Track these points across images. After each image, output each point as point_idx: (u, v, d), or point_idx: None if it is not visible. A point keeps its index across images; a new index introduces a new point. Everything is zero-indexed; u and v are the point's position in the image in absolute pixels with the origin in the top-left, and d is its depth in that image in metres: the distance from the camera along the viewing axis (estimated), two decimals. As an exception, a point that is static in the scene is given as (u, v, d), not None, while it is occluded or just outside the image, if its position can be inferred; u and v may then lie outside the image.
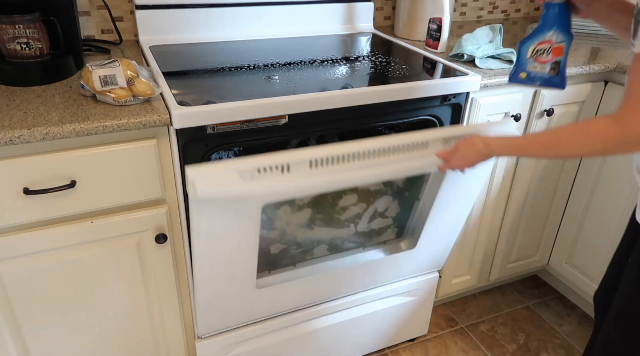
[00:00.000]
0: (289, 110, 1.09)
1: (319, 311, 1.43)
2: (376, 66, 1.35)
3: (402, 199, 1.39)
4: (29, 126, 0.92)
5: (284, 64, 1.30)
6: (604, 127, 0.78)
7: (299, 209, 1.26)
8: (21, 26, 1.10)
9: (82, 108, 1.01)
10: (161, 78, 1.14)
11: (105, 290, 1.15)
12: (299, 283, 1.33)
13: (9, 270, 1.03)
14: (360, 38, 1.62)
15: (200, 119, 1.01)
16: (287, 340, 1.43)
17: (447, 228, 1.41)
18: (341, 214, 1.33)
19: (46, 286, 1.08)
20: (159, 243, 1.13)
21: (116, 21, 1.44)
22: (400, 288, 1.53)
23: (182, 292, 1.26)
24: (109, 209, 1.08)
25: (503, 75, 1.32)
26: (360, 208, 1.34)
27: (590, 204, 1.66)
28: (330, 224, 1.33)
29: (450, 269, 1.66)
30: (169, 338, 1.30)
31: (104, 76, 1.01)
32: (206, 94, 1.10)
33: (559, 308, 1.89)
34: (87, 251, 1.08)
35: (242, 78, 1.20)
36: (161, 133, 1.05)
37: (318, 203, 1.27)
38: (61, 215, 1.02)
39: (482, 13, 2.00)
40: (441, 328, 1.78)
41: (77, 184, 1.00)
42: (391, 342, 1.66)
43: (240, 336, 1.35)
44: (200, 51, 1.40)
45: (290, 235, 1.29)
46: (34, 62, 1.14)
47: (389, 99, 1.18)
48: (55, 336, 1.15)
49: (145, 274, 1.18)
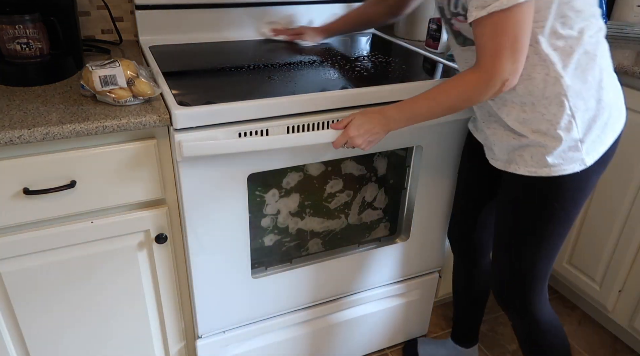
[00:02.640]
0: (289, 110, 1.09)
1: (319, 312, 1.44)
2: (376, 66, 1.35)
3: (389, 188, 1.41)
4: (29, 126, 0.92)
5: (284, 64, 1.30)
6: (475, 78, 0.94)
7: (286, 193, 1.27)
8: (21, 26, 1.10)
9: (82, 108, 1.01)
10: (161, 78, 1.14)
11: (105, 290, 1.15)
12: (296, 280, 1.34)
13: (9, 270, 1.03)
14: (360, 38, 1.62)
15: (200, 119, 1.02)
16: (287, 340, 1.43)
17: (438, 216, 1.44)
18: (330, 203, 1.35)
19: (46, 286, 1.08)
20: (159, 243, 1.13)
21: (116, 21, 1.44)
22: (401, 288, 1.53)
23: (182, 292, 1.26)
24: (109, 209, 1.08)
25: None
26: (347, 195, 1.36)
27: (591, 204, 1.66)
28: (320, 214, 1.35)
29: (451, 270, 1.66)
30: (169, 338, 1.30)
31: (104, 76, 1.01)
32: (206, 94, 1.10)
33: (559, 308, 1.89)
34: (87, 251, 1.09)
35: (242, 78, 1.20)
36: (161, 133, 1.05)
37: (304, 187, 1.29)
38: (61, 215, 1.02)
39: (482, 13, 2.00)
40: (441, 328, 1.78)
41: (77, 184, 1.01)
42: (391, 342, 1.66)
43: (240, 336, 1.35)
44: (200, 51, 1.40)
45: (282, 224, 1.31)
46: (34, 62, 1.14)
47: (389, 99, 1.18)
48: (55, 335, 1.15)
49: (145, 274, 1.18)
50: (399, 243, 1.44)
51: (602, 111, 1.00)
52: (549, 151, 1.00)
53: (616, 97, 1.04)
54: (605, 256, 1.64)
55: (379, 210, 1.44)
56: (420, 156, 1.32)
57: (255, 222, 1.28)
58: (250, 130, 1.07)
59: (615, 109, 1.03)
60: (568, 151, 1.00)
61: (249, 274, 1.26)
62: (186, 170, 1.06)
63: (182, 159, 1.04)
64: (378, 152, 1.34)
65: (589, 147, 1.01)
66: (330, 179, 1.32)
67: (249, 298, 1.29)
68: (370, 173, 1.37)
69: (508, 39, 0.88)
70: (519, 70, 0.91)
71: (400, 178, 1.41)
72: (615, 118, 1.04)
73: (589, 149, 1.01)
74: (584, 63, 0.97)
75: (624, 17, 1.78)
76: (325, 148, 1.18)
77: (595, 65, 0.98)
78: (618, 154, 1.54)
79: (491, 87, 0.92)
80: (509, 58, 0.89)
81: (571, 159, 1.00)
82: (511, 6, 0.85)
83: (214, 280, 1.22)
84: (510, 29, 0.87)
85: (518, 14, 0.87)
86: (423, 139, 1.29)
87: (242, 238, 1.20)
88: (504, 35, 0.88)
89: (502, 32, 0.88)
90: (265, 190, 1.25)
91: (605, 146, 1.03)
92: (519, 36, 0.88)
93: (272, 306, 1.35)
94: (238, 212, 1.16)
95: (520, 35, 0.88)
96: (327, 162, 1.29)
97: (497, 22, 0.88)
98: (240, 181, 1.12)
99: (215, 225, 1.15)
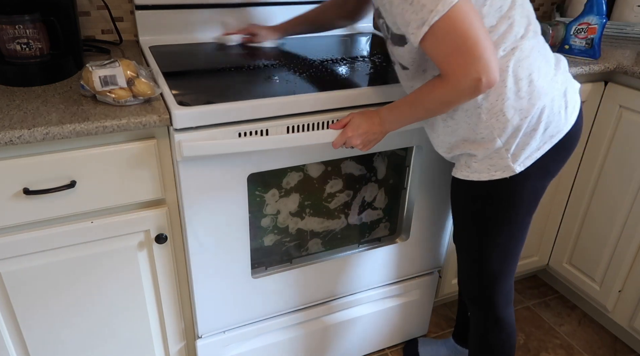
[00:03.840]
0: (289, 110, 1.09)
1: (319, 312, 1.44)
2: (376, 66, 1.35)
3: (389, 188, 1.41)
4: (29, 126, 0.92)
5: (284, 64, 1.30)
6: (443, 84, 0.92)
7: (286, 193, 1.27)
8: (21, 26, 1.10)
9: (82, 108, 1.01)
10: (161, 78, 1.14)
11: (105, 290, 1.15)
12: (296, 280, 1.34)
13: (9, 270, 1.03)
14: (360, 38, 1.62)
15: (200, 119, 1.02)
16: (286, 340, 1.43)
17: (438, 216, 1.44)
18: (330, 203, 1.34)
19: (46, 286, 1.08)
20: (159, 243, 1.13)
21: (116, 21, 1.44)
22: (401, 288, 1.53)
23: (182, 292, 1.26)
24: (109, 209, 1.08)
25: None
26: (347, 195, 1.36)
27: (591, 204, 1.66)
28: (320, 214, 1.35)
29: (450, 270, 1.66)
30: (169, 338, 1.30)
31: (104, 76, 1.01)
32: (206, 94, 1.10)
33: (559, 308, 1.89)
34: (87, 251, 1.09)
35: (242, 78, 1.20)
36: (161, 133, 1.05)
37: (304, 187, 1.29)
38: (61, 215, 1.02)
39: (482, 13, 2.00)
40: (441, 328, 1.78)
41: (77, 184, 1.01)
42: (391, 342, 1.66)
43: (240, 336, 1.35)
44: (200, 51, 1.40)
45: (282, 224, 1.31)
46: (34, 62, 1.14)
47: (389, 99, 1.18)
48: (55, 335, 1.15)
49: (145, 274, 1.18)
50: (399, 243, 1.44)
51: (528, 121, 0.99)
52: (477, 158, 1.04)
53: (551, 104, 1.00)
54: (605, 256, 1.64)
55: (378, 210, 1.44)
56: (420, 156, 1.32)
57: (255, 222, 1.28)
58: (250, 130, 1.07)
59: (552, 115, 1.01)
60: (494, 158, 1.02)
61: (249, 274, 1.26)
62: (186, 170, 1.06)
63: (182, 159, 1.04)
64: (378, 152, 1.34)
65: (517, 155, 1.01)
66: (330, 179, 1.32)
67: (249, 298, 1.29)
68: (370, 173, 1.37)
69: (456, 41, 0.86)
70: (488, 65, 0.87)
71: (400, 178, 1.41)
72: (554, 127, 1.01)
73: (517, 157, 1.01)
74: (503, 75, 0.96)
75: (624, 17, 1.78)
76: (325, 148, 1.18)
77: (520, 71, 0.96)
78: (618, 154, 1.54)
79: (463, 91, 0.91)
80: (467, 58, 0.87)
81: (498, 166, 1.03)
82: (447, 10, 0.84)
83: (214, 280, 1.22)
84: (457, 31, 0.85)
85: (458, 14, 0.85)
86: (423, 139, 1.29)
87: (242, 238, 1.20)
88: (453, 40, 0.86)
89: (450, 38, 0.86)
90: (265, 190, 1.25)
91: (540, 152, 1.02)
92: (468, 34, 0.85)
93: (272, 306, 1.35)
94: (238, 212, 1.16)
95: (469, 33, 0.85)
96: (327, 162, 1.29)
97: (441, 30, 0.86)
98: (240, 181, 1.12)
99: (215, 225, 1.15)
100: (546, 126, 1.00)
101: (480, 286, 1.19)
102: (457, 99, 0.93)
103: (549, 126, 1.01)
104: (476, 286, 1.20)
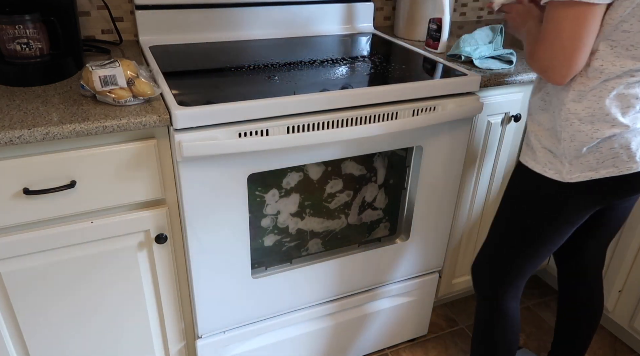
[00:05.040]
0: (289, 110, 1.09)
1: (319, 312, 1.44)
2: (376, 66, 1.35)
3: (389, 188, 1.41)
4: (29, 126, 0.92)
5: (284, 64, 1.30)
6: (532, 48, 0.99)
7: (286, 193, 1.27)
8: (21, 26, 1.10)
9: (82, 108, 1.01)
10: (161, 78, 1.14)
11: (105, 290, 1.15)
12: (296, 280, 1.34)
13: (9, 270, 1.03)
14: (360, 38, 1.62)
15: (200, 119, 1.02)
16: (286, 340, 1.43)
17: (438, 216, 1.44)
18: (330, 203, 1.34)
19: (46, 287, 1.08)
20: (159, 243, 1.13)
21: (116, 21, 1.44)
22: (400, 288, 1.53)
23: (182, 292, 1.26)
24: (109, 209, 1.08)
25: (503, 75, 1.32)
26: (347, 195, 1.36)
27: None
28: (320, 214, 1.35)
29: (450, 270, 1.66)
30: (169, 338, 1.30)
31: (104, 76, 1.01)
32: (206, 94, 1.10)
33: (559, 308, 1.89)
34: (87, 251, 1.09)
35: (242, 78, 1.20)
36: (161, 133, 1.05)
37: (304, 188, 1.29)
38: (61, 215, 1.02)
39: (482, 13, 2.00)
40: (441, 328, 1.78)
41: (77, 184, 1.01)
42: (391, 342, 1.66)
43: (240, 336, 1.35)
44: (200, 51, 1.40)
45: (282, 224, 1.31)
46: (34, 62, 1.14)
47: (388, 99, 1.18)
48: (55, 335, 1.15)
49: (145, 274, 1.18)
50: (399, 243, 1.44)
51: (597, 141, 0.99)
52: (542, 145, 1.06)
53: (628, 136, 0.99)
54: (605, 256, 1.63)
55: (379, 210, 1.44)
56: (420, 156, 1.32)
57: (255, 222, 1.28)
58: (251, 130, 1.07)
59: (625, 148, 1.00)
60: (554, 157, 1.04)
61: (249, 274, 1.26)
62: (186, 170, 1.06)
63: (182, 159, 1.04)
64: (378, 153, 1.34)
65: (573, 166, 1.02)
66: (330, 179, 1.32)
67: (249, 298, 1.29)
68: (370, 173, 1.37)
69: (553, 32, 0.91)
70: (559, 67, 0.92)
71: (400, 178, 1.41)
72: (622, 159, 1.01)
73: (572, 168, 1.02)
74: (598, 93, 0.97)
75: (624, 17, 1.77)
76: (325, 148, 1.18)
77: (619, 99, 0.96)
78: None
79: (533, 66, 0.98)
80: (547, 50, 0.92)
81: (553, 165, 1.04)
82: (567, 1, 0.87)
83: (214, 280, 1.22)
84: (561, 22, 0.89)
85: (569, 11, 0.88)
86: (423, 139, 1.29)
87: (242, 238, 1.20)
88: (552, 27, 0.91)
89: (549, 25, 0.91)
90: (265, 190, 1.25)
91: (596, 175, 1.02)
92: (562, 35, 0.90)
93: (272, 306, 1.35)
94: (238, 212, 1.16)
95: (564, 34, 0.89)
96: (327, 163, 1.29)
97: (549, 12, 0.91)
98: (240, 181, 1.13)
99: (215, 225, 1.15)
100: (615, 155, 1.00)
101: (490, 272, 1.22)
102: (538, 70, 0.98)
103: (617, 156, 1.00)
104: (486, 273, 1.23)
